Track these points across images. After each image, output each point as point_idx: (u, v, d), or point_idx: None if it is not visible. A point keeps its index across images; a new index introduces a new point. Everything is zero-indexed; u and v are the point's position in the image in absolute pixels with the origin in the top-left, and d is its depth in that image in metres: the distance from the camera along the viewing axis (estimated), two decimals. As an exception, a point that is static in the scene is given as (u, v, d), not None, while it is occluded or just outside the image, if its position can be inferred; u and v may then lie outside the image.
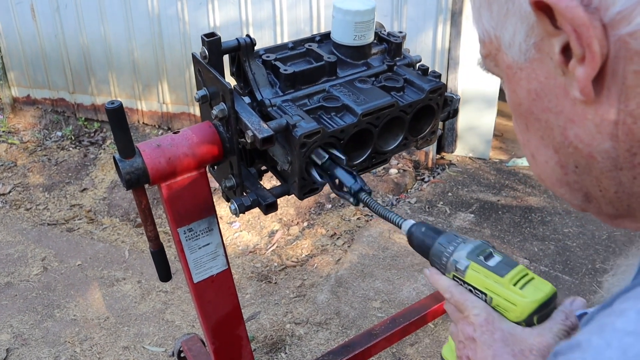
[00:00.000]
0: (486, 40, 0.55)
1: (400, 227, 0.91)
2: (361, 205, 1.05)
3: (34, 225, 3.51)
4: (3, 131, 4.60)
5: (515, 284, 0.72)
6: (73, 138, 4.47)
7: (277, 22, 3.67)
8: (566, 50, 0.46)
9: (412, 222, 0.89)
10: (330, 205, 3.42)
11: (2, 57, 4.72)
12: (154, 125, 4.37)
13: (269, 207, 1.28)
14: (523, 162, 3.82)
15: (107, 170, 4.04)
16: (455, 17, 3.39)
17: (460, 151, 3.87)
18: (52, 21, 4.31)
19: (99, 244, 3.28)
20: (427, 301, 2.23)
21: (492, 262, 0.75)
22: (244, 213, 1.30)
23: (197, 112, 4.18)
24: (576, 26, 0.43)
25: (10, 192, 3.89)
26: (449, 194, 3.46)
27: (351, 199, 1.06)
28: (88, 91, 4.49)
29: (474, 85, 3.58)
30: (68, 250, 3.23)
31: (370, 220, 3.27)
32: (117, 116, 1.17)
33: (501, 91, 3.69)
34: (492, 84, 3.59)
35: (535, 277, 0.74)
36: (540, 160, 0.56)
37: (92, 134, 4.51)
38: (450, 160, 3.81)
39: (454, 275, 0.79)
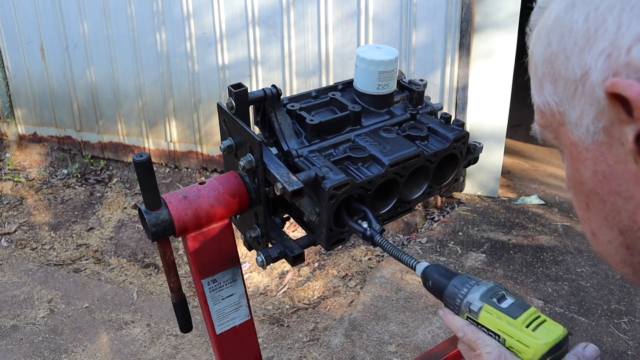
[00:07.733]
0: (547, 112, 0.53)
1: (414, 269, 0.94)
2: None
3: (40, 265, 3.47)
4: (9, 169, 4.60)
5: (527, 326, 0.74)
6: (79, 176, 4.47)
7: (286, 63, 3.71)
8: None
9: (425, 264, 0.92)
10: (340, 246, 3.39)
11: (9, 95, 4.75)
12: (161, 164, 4.37)
13: (297, 259, 1.26)
14: (532, 201, 3.81)
15: (114, 209, 4.01)
16: (464, 57, 3.43)
17: (469, 189, 3.86)
18: (61, 60, 4.35)
19: (107, 285, 3.23)
20: (445, 345, 2.18)
21: (505, 304, 0.78)
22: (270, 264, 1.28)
23: (205, 151, 4.18)
24: None
25: (15, 231, 3.86)
26: (460, 233, 3.43)
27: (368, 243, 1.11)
28: (95, 129, 4.51)
29: (482, 123, 3.60)
30: (75, 292, 3.18)
31: (382, 260, 3.24)
32: (145, 168, 1.16)
33: (509, 129, 3.70)
34: (500, 122, 3.60)
35: (547, 319, 0.76)
36: (602, 239, 0.54)
37: (99, 172, 4.51)
38: (459, 199, 3.80)
39: (467, 317, 0.82)
